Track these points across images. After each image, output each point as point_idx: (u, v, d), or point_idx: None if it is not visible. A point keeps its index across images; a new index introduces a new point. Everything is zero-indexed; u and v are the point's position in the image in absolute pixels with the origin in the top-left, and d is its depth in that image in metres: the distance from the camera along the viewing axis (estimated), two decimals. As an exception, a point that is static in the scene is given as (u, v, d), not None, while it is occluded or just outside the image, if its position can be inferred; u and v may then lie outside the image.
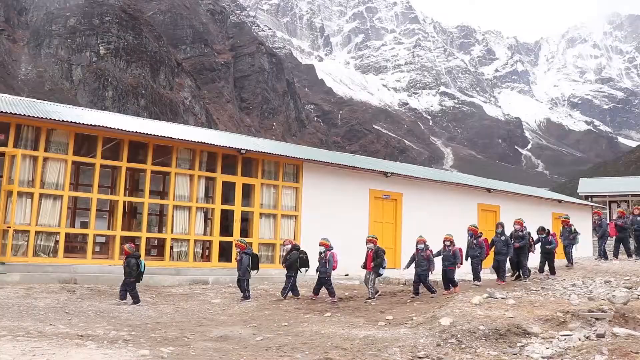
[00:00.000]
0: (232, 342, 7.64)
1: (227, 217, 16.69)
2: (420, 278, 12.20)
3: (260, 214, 16.73)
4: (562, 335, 7.56)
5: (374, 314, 10.47)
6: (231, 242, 16.13)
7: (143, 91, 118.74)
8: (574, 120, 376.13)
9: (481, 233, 13.21)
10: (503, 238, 12.78)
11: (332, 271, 12.67)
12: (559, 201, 26.51)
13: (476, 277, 12.88)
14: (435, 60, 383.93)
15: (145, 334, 7.95)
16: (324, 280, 12.59)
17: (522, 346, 7.35)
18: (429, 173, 25.51)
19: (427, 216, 19.58)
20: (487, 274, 14.34)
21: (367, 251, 12.58)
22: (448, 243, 12.34)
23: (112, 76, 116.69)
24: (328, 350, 7.21)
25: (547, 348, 7.13)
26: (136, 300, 10.94)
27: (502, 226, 13.02)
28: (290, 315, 10.29)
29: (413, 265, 12.42)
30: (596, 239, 16.53)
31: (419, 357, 6.94)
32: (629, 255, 16.22)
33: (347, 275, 16.61)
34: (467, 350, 7.23)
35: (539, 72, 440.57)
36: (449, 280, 12.40)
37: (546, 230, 13.71)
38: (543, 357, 6.81)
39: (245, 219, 16.99)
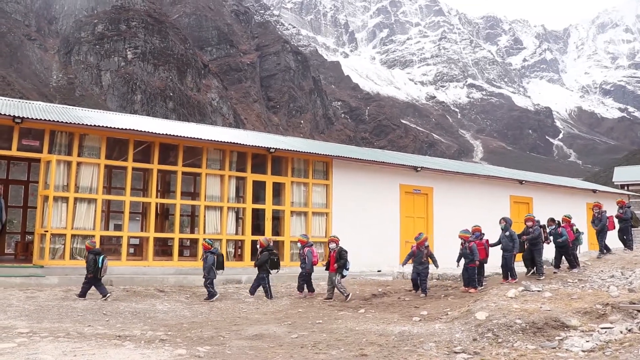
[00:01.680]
0: (268, 340, 7.67)
1: (258, 216, 16.78)
2: (420, 276, 11.95)
3: (291, 212, 16.76)
4: (602, 328, 7.38)
5: (408, 309, 10.40)
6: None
7: (171, 94, 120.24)
8: (606, 107, 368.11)
9: (482, 233, 12.35)
10: (507, 234, 12.11)
11: (313, 267, 12.64)
12: (594, 191, 25.97)
13: (476, 280, 12.02)
14: (462, 52, 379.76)
15: (181, 333, 8.03)
16: (303, 276, 12.58)
17: (561, 340, 7.20)
18: (459, 166, 25.26)
19: (458, 210, 19.39)
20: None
21: (330, 252, 12.30)
22: (462, 241, 11.96)
23: (140, 80, 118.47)
24: (363, 347, 7.18)
25: (587, 341, 6.97)
26: (104, 293, 11.20)
27: (506, 221, 12.31)
28: (324, 313, 10.29)
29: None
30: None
31: (456, 352, 6.85)
32: (628, 247, 15.45)
33: (379, 271, 16.56)
34: (504, 345, 7.13)
35: (569, 60, 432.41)
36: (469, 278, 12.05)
37: (556, 222, 13.03)
38: (583, 351, 6.64)
39: (277, 218, 17.06)
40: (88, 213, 13.96)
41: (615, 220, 15.23)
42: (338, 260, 11.95)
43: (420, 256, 11.94)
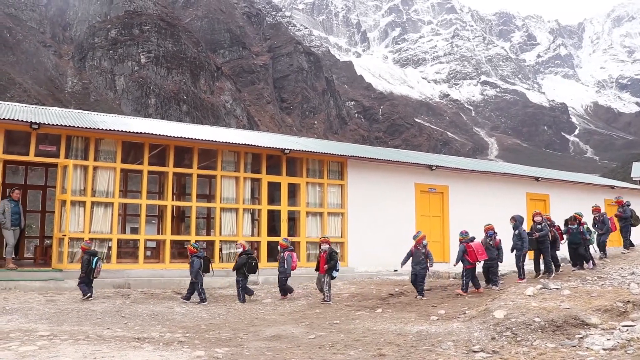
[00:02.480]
0: (285, 341, 7.67)
1: (273, 217, 16.80)
2: (417, 277, 11.76)
3: (307, 212, 16.77)
4: (623, 326, 7.27)
5: (426, 308, 10.36)
6: (278, 242, 16.24)
7: (184, 97, 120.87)
8: (623, 102, 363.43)
9: (495, 232, 12.28)
10: (517, 232, 11.94)
11: (292, 271, 12.54)
12: (612, 187, 25.67)
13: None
14: (475, 49, 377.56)
15: (199, 335, 8.07)
16: (282, 280, 12.45)
17: (581, 338, 7.12)
18: (474, 164, 25.12)
19: (474, 208, 19.29)
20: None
21: (320, 252, 12.22)
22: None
23: (154, 84, 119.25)
24: (381, 347, 7.16)
25: (607, 339, 6.88)
26: (85, 293, 11.39)
27: (516, 220, 12.08)
28: (341, 313, 10.28)
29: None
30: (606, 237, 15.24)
31: (474, 351, 6.81)
32: (626, 247, 15.23)
33: (395, 270, 16.49)
34: (523, 343, 7.06)
35: (584, 55, 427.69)
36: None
37: (577, 220, 12.86)
38: (604, 349, 6.55)
39: (292, 219, 17.07)
40: (105, 217, 14.08)
41: (616, 220, 15.03)
42: (328, 262, 11.81)
43: (417, 255, 11.77)
